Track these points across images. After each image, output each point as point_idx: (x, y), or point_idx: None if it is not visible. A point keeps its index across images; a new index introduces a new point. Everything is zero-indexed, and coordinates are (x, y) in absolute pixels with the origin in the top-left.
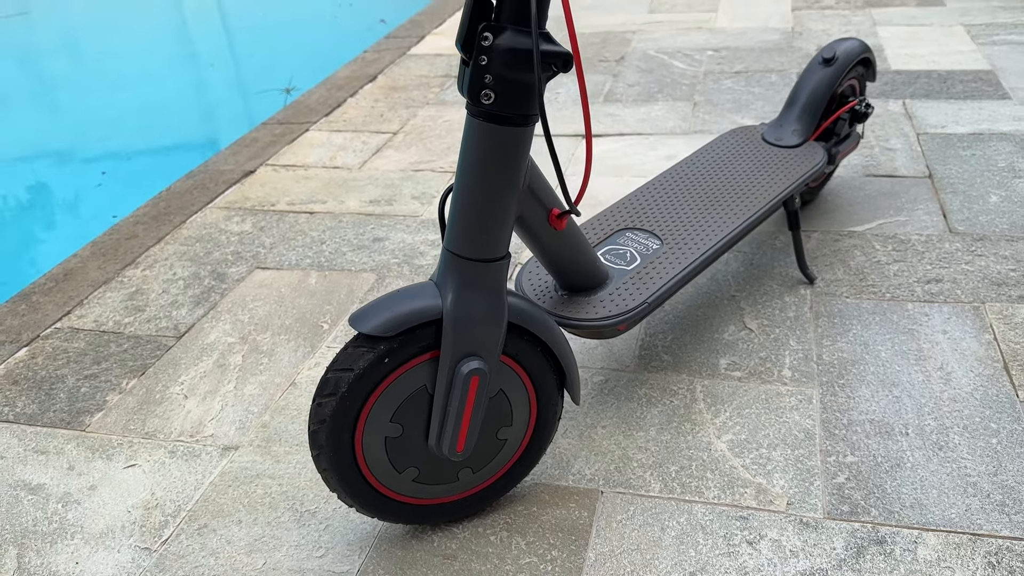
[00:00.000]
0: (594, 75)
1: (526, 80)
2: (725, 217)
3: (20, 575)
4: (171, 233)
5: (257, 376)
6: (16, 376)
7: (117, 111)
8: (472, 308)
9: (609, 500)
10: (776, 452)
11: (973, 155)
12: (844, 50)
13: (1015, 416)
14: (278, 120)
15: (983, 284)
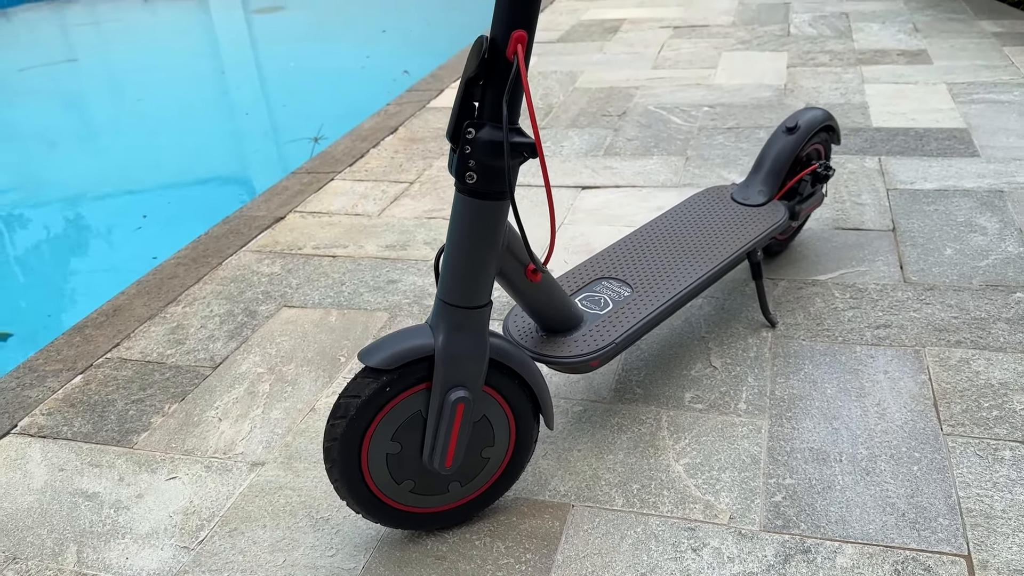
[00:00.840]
0: (598, 129)
1: (500, 165)
2: (690, 268)
3: (80, 567)
4: (209, 274)
5: (282, 402)
6: (73, 400)
7: (156, 155)
8: (459, 347)
9: (578, 512)
10: (725, 474)
11: (936, 210)
12: (806, 119)
13: (936, 447)
14: (307, 169)
15: (926, 330)
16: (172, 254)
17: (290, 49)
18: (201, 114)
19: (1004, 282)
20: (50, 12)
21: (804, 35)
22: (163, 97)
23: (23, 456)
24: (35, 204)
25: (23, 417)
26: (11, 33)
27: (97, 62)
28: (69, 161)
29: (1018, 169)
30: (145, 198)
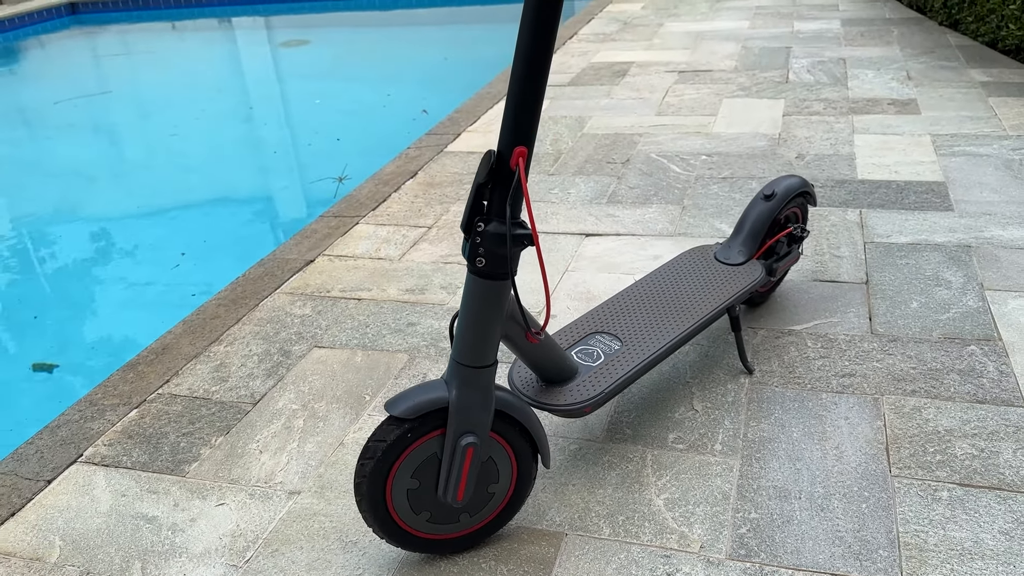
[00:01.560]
0: (602, 177)
1: (504, 253)
2: (674, 323)
3: None
4: (247, 315)
5: (315, 436)
6: (130, 432)
7: (191, 191)
8: (469, 400)
9: (571, 540)
10: (699, 508)
11: (907, 263)
12: (783, 188)
13: (884, 487)
14: (334, 213)
15: (886, 379)
16: (213, 295)
17: (314, 85)
18: (232, 150)
19: (960, 335)
20: (84, 40)
21: (802, 82)
22: (195, 132)
23: (89, 483)
24: (77, 238)
25: (88, 447)
26: (45, 61)
27: (130, 95)
28: (107, 195)
29: (987, 224)
30: (182, 234)
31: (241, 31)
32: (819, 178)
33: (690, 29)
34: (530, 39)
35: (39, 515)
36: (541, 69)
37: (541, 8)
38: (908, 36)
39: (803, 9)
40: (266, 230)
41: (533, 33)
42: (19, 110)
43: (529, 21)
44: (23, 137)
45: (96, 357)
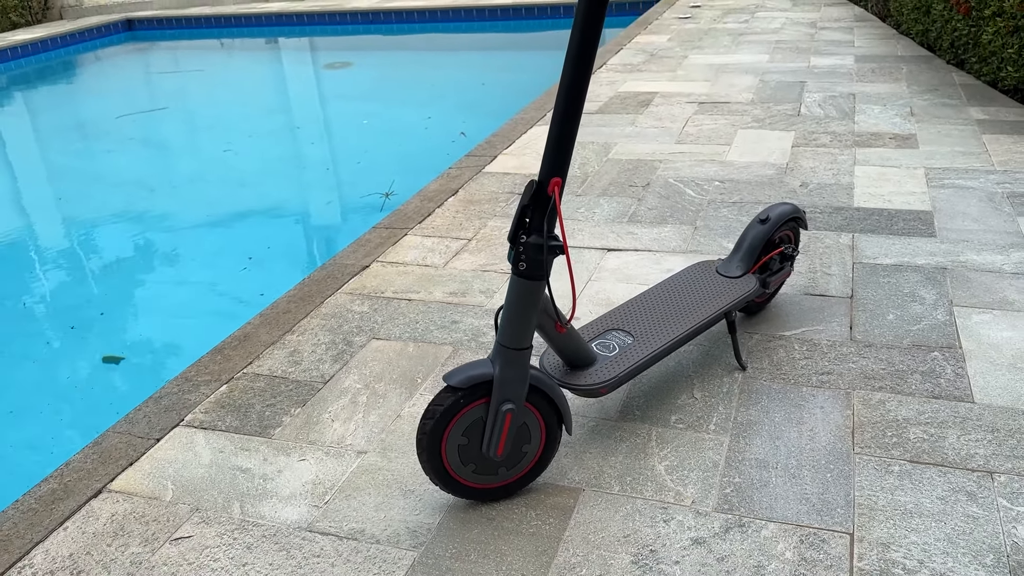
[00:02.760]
0: (624, 199)
1: (541, 259)
2: (678, 324)
3: (243, 517)
4: (314, 310)
5: (376, 410)
6: (222, 402)
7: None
8: (509, 375)
9: (587, 494)
10: (693, 473)
11: (889, 282)
12: (776, 213)
13: (846, 462)
14: (384, 225)
15: (858, 377)
16: (283, 294)
17: (358, 106)
18: (283, 166)
19: (927, 343)
20: (138, 56)
21: (812, 115)
22: (248, 148)
23: (192, 441)
24: (145, 244)
25: (187, 414)
26: (104, 75)
27: (185, 111)
28: (169, 206)
29: (964, 249)
30: (243, 242)
31: (286, 52)
32: (819, 205)
33: (712, 62)
34: (568, 89)
35: (152, 465)
36: (576, 113)
37: (580, 60)
38: (916, 74)
39: (821, 44)
40: (322, 239)
41: (571, 83)
42: (83, 124)
43: (570, 72)
44: (89, 149)
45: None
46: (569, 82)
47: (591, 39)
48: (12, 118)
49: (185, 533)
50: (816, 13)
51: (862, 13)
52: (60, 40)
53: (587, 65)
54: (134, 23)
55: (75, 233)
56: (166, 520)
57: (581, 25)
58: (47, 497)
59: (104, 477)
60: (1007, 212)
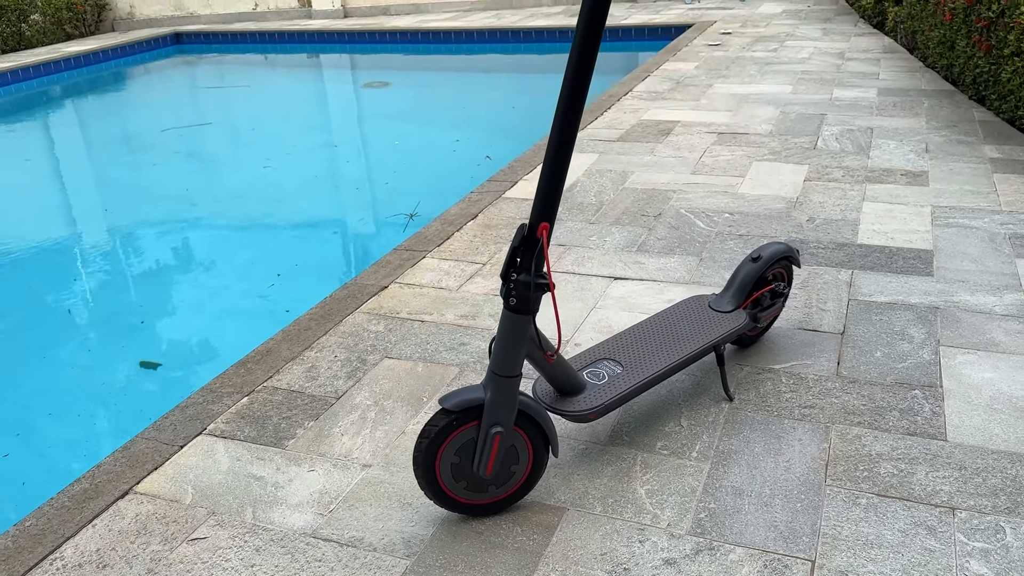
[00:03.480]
0: (636, 228)
1: (529, 295)
2: (667, 355)
3: (255, 521)
4: (333, 328)
5: (383, 426)
6: (243, 413)
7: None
8: (499, 400)
9: (571, 514)
10: (671, 498)
11: (881, 319)
12: (768, 253)
13: (817, 493)
14: (405, 247)
15: (839, 412)
16: (306, 311)
17: (393, 126)
18: (318, 184)
19: (909, 381)
20: (185, 69)
21: (828, 149)
22: (286, 165)
23: (212, 450)
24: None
25: (210, 423)
26: (152, 88)
27: (228, 126)
28: (208, 219)
29: (958, 290)
30: (275, 257)
31: (328, 69)
32: (823, 240)
33: (736, 91)
34: (557, 146)
35: (175, 470)
36: (564, 163)
37: (568, 115)
38: (936, 109)
39: (846, 76)
40: (347, 258)
41: (560, 138)
42: (131, 136)
43: (558, 129)
44: (136, 162)
45: (202, 357)
46: (558, 139)
47: (578, 101)
48: (64, 128)
49: (201, 534)
50: (845, 43)
51: (891, 44)
52: (111, 52)
53: (574, 124)
54: (182, 37)
55: (119, 244)
56: (184, 522)
57: (568, 91)
58: (79, 496)
59: (131, 480)
60: (1006, 253)
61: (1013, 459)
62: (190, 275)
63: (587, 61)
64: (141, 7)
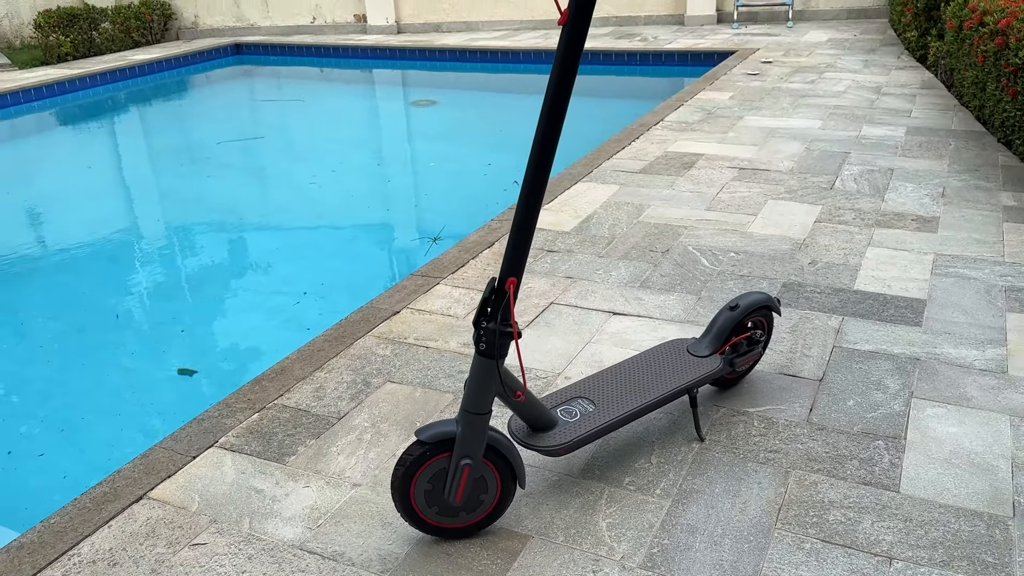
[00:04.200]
0: (642, 263)
1: (495, 342)
2: (639, 396)
3: (251, 531)
4: (344, 350)
5: (377, 448)
6: (252, 429)
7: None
8: (469, 435)
9: (535, 541)
10: (630, 532)
11: (860, 368)
12: (746, 302)
13: (765, 535)
14: (421, 273)
15: (801, 458)
16: (321, 332)
17: (434, 146)
18: (357, 203)
19: (875, 431)
20: (244, 79)
21: (844, 190)
22: (330, 182)
23: (220, 462)
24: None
25: (221, 437)
26: (211, 98)
27: (280, 141)
28: (253, 234)
29: (943, 342)
30: (307, 274)
31: (380, 86)
32: (820, 285)
33: (765, 124)
34: (524, 210)
35: (186, 479)
36: (531, 223)
37: (534, 184)
38: (962, 151)
39: (877, 112)
40: (371, 279)
41: (527, 204)
42: (188, 147)
43: (526, 195)
44: (191, 173)
45: (228, 368)
46: (525, 205)
47: (544, 170)
48: (127, 136)
49: (202, 540)
50: (884, 77)
51: (930, 80)
52: (175, 61)
53: (540, 191)
54: (242, 47)
55: (167, 254)
56: (189, 528)
57: (535, 160)
58: (99, 498)
59: (146, 486)
60: (999, 306)
61: (958, 514)
62: (231, 288)
63: (553, 133)
64: (205, 17)
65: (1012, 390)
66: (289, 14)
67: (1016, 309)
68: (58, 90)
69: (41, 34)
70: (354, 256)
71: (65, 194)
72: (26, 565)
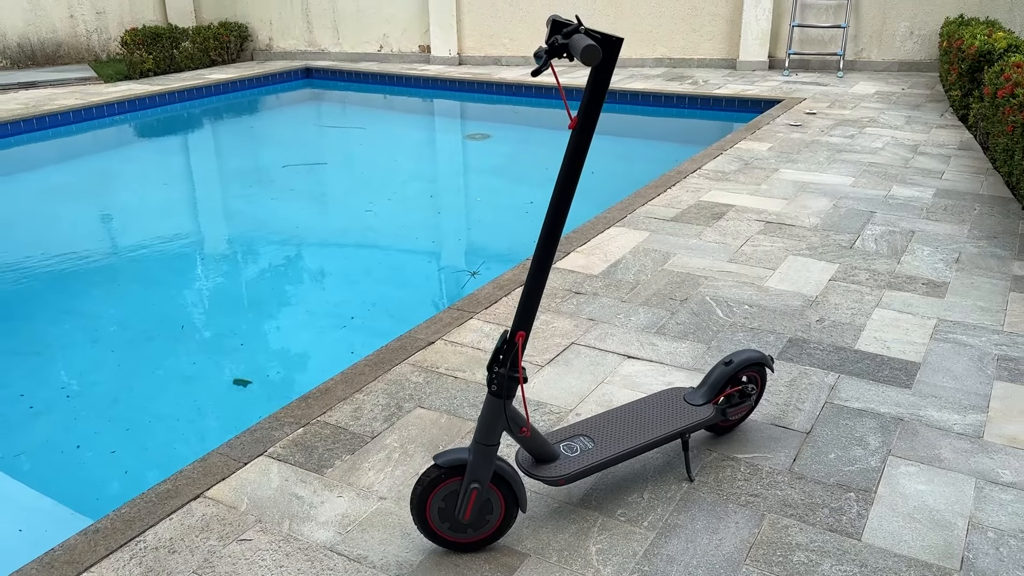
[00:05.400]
0: (660, 311)
1: (505, 385)
2: (635, 438)
3: (290, 532)
4: (382, 375)
5: (403, 467)
6: (297, 441)
7: (370, 265)
8: (478, 463)
9: (531, 560)
10: (615, 558)
11: (847, 424)
12: (740, 359)
13: (734, 570)
14: (457, 307)
15: (777, 503)
16: (363, 357)
17: (483, 180)
18: (408, 233)
19: (849, 484)
20: (312, 104)
21: (863, 250)
22: (385, 211)
23: (268, 469)
24: (283, 289)
25: (270, 447)
26: (280, 120)
27: (342, 168)
28: (311, 258)
29: (928, 405)
30: (356, 299)
31: (438, 116)
32: (824, 342)
33: (799, 179)
34: (535, 273)
35: (238, 483)
36: (539, 288)
37: (546, 250)
38: (985, 216)
39: (910, 172)
40: (413, 306)
41: (538, 266)
42: (256, 168)
43: (538, 259)
44: (257, 195)
45: (278, 381)
46: (537, 267)
47: (554, 238)
48: (200, 154)
49: (248, 537)
50: (924, 135)
51: (968, 140)
52: (248, 82)
53: (550, 257)
54: (312, 71)
55: (230, 272)
56: (237, 525)
57: (547, 232)
58: (163, 494)
59: (203, 486)
60: (988, 374)
61: (910, 563)
62: (288, 307)
63: (563, 212)
64: (279, 40)
65: (983, 455)
66: (358, 41)
67: (1004, 378)
68: (139, 105)
69: (127, 50)
70: (401, 283)
71: (140, 208)
72: (100, 547)
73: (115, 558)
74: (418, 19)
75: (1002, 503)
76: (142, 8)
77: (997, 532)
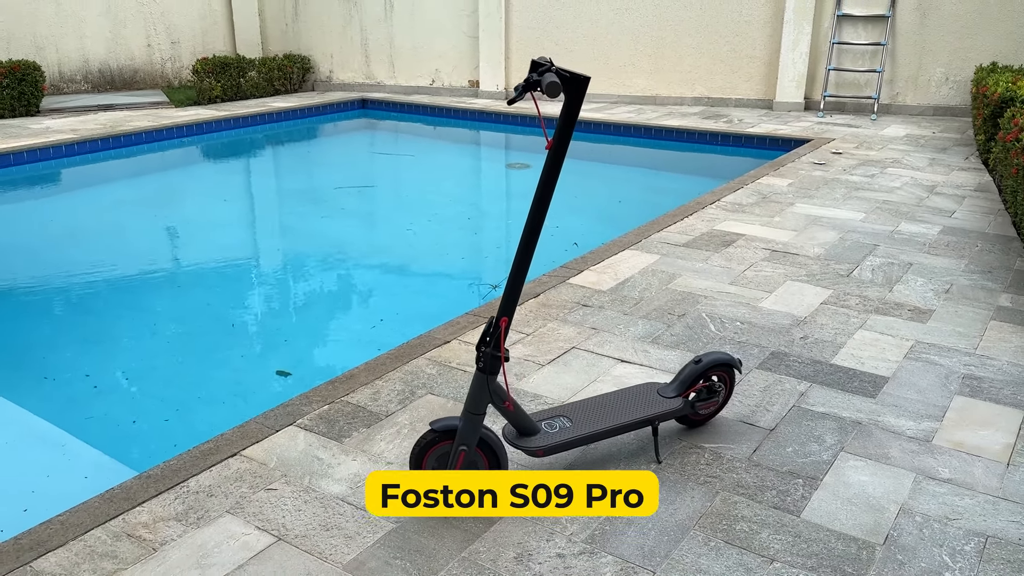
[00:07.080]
0: (659, 324)
1: (489, 362)
2: (608, 420)
3: (309, 485)
4: (401, 366)
5: (409, 440)
6: (322, 416)
7: (406, 277)
8: (467, 429)
9: (508, 516)
10: (582, 518)
11: (808, 424)
12: (709, 359)
13: (683, 532)
14: (475, 312)
15: (731, 484)
16: (386, 351)
17: (518, 205)
18: (443, 250)
19: (800, 472)
20: (366, 132)
21: (859, 278)
22: (425, 230)
23: (295, 436)
24: (326, 294)
25: (299, 419)
26: (336, 146)
27: (388, 190)
28: (354, 271)
29: (887, 412)
30: (388, 305)
31: (484, 146)
32: (803, 356)
33: (812, 213)
34: (517, 267)
35: (270, 445)
36: (521, 279)
37: (529, 240)
38: (984, 253)
39: (921, 211)
40: (438, 312)
41: (519, 263)
42: (311, 188)
43: (522, 251)
44: (310, 212)
45: (314, 372)
46: (519, 263)
47: (533, 239)
48: (260, 175)
49: (274, 487)
50: (944, 176)
51: (987, 183)
52: (308, 111)
53: (530, 252)
54: (368, 103)
55: (280, 278)
56: (266, 477)
57: (526, 238)
58: (206, 451)
59: (241, 446)
60: (950, 390)
61: (840, 537)
62: (328, 310)
63: (540, 219)
64: (338, 72)
65: (928, 455)
66: (412, 75)
67: (965, 393)
68: (206, 128)
69: (197, 78)
70: (431, 293)
71: (203, 220)
72: (151, 489)
73: (162, 498)
74: (469, 56)
75: (935, 494)
76: (214, 39)
77: (924, 517)
